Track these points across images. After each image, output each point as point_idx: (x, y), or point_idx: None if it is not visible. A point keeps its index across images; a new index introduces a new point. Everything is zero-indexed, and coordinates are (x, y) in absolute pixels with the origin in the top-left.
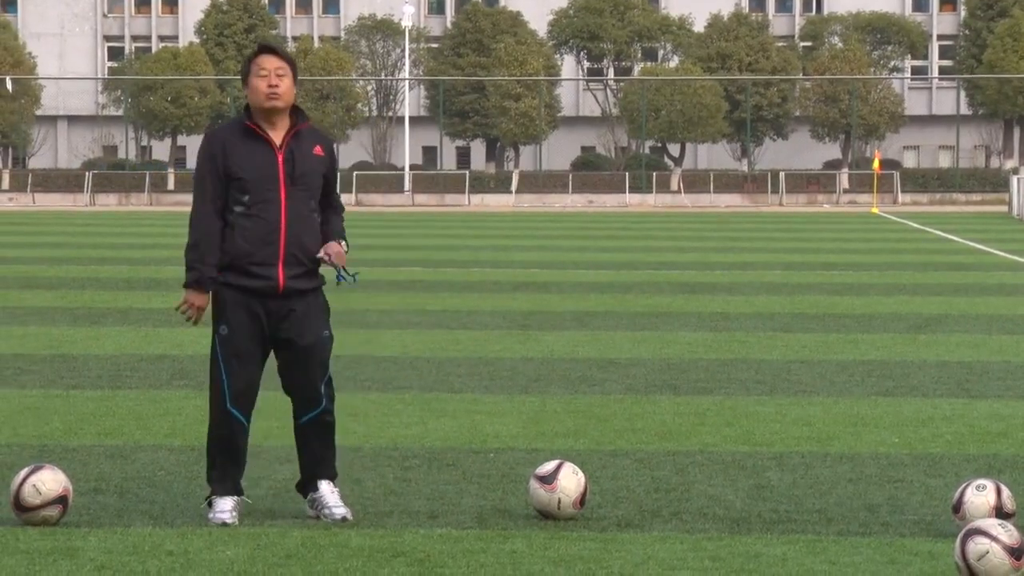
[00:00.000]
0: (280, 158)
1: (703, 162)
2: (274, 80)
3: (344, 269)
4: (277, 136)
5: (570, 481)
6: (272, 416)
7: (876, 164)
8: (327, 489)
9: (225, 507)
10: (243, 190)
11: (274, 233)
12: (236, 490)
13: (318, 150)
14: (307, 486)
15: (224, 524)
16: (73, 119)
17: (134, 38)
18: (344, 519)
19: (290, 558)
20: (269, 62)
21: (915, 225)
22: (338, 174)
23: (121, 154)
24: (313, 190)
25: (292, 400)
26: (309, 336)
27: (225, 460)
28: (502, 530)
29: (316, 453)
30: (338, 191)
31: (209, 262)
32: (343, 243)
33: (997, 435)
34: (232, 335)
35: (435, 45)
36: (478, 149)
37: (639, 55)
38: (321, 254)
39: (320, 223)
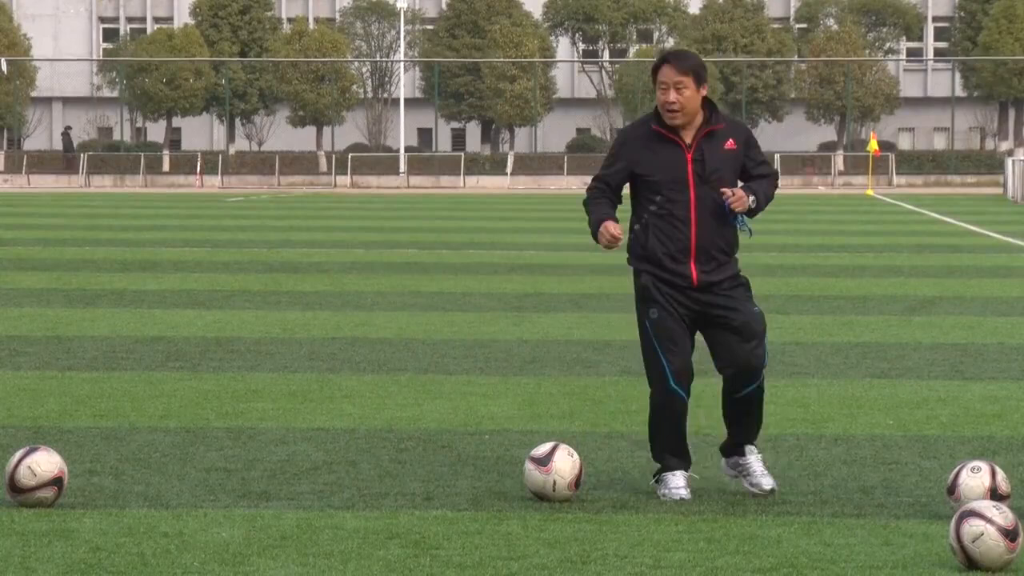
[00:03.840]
0: (689, 157)
1: None
2: (672, 96)
3: (743, 217)
4: (688, 135)
5: (565, 463)
6: (267, 398)
7: (873, 146)
8: (755, 458)
9: (679, 483)
10: (655, 191)
11: (684, 231)
12: (686, 465)
13: (730, 144)
14: (732, 449)
15: (682, 500)
16: (68, 101)
17: (129, 19)
18: (772, 491)
19: (285, 540)
20: (668, 75)
21: (910, 207)
22: (757, 152)
23: (116, 136)
24: (725, 186)
25: (725, 377)
26: (741, 316)
27: (672, 436)
28: (497, 512)
29: (745, 423)
30: (767, 164)
31: (598, 210)
32: (751, 197)
33: (992, 417)
34: (661, 317)
35: (430, 27)
36: (473, 131)
37: (634, 37)
38: (727, 191)
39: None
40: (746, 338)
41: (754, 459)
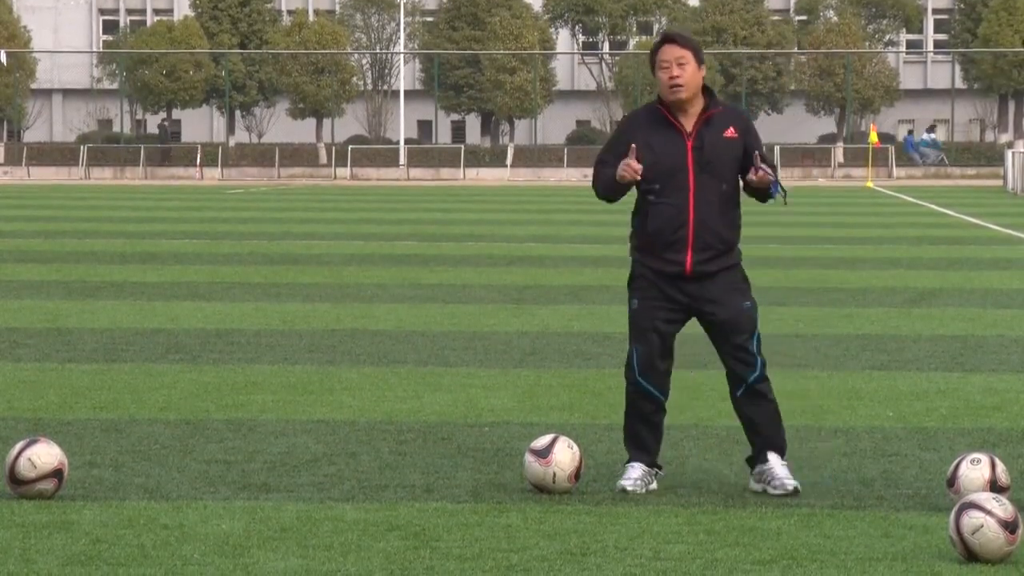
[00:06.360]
0: (689, 145)
1: None
2: (675, 71)
3: (777, 184)
4: (688, 122)
5: (565, 455)
6: (267, 390)
7: (874, 138)
8: (776, 462)
9: (632, 474)
10: (654, 179)
11: (683, 218)
12: (649, 460)
13: (730, 132)
14: (756, 459)
15: (623, 490)
16: (68, 92)
17: (129, 11)
18: (796, 491)
19: (285, 532)
20: (668, 52)
21: (910, 199)
22: (757, 142)
23: (116, 128)
24: (724, 175)
25: (727, 375)
26: (728, 310)
27: (636, 427)
28: (497, 504)
29: (757, 425)
30: (765, 156)
31: (608, 169)
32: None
33: (991, 409)
34: (641, 309)
35: (430, 19)
36: (473, 123)
37: (634, 29)
38: (753, 176)
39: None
40: (732, 333)
41: (777, 463)
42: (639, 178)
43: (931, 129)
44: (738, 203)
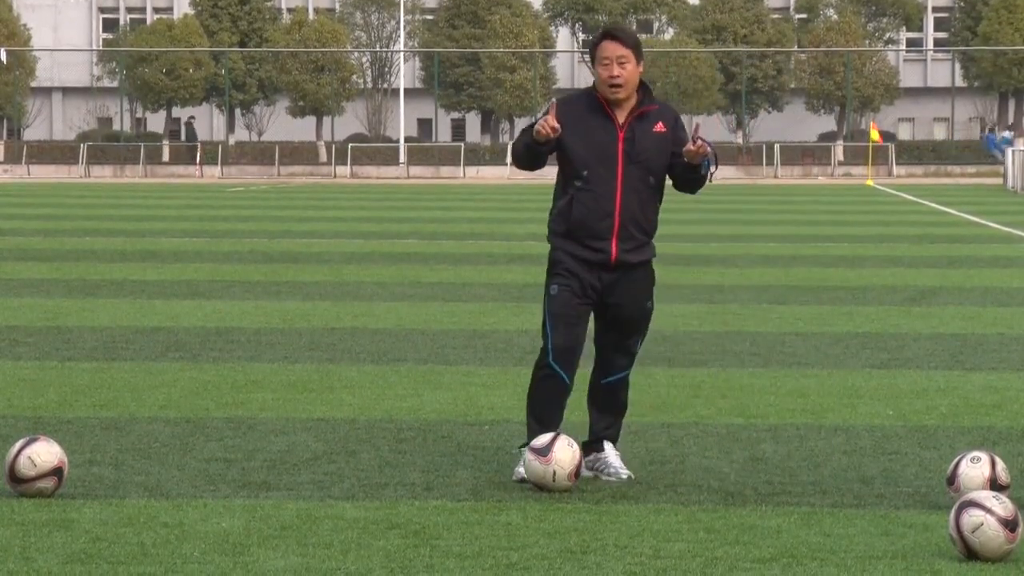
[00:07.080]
0: (621, 136)
1: None
2: (616, 70)
3: (709, 159)
4: (622, 115)
5: (565, 453)
6: (267, 388)
7: (875, 135)
8: (611, 451)
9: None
10: (583, 166)
11: (609, 207)
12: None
13: (659, 127)
14: (591, 446)
15: (523, 480)
16: (68, 91)
17: (129, 9)
18: (630, 478)
19: (285, 530)
20: (611, 49)
21: (910, 197)
22: (684, 135)
23: (116, 126)
24: (652, 168)
25: (597, 360)
26: (633, 307)
27: (543, 413)
28: (497, 502)
29: (607, 415)
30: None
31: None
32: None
33: (991, 407)
34: (560, 294)
35: (430, 17)
36: (473, 121)
37: (634, 27)
38: (691, 146)
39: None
40: (627, 331)
41: (612, 453)
42: (553, 137)
43: (1010, 127)
44: (661, 198)
